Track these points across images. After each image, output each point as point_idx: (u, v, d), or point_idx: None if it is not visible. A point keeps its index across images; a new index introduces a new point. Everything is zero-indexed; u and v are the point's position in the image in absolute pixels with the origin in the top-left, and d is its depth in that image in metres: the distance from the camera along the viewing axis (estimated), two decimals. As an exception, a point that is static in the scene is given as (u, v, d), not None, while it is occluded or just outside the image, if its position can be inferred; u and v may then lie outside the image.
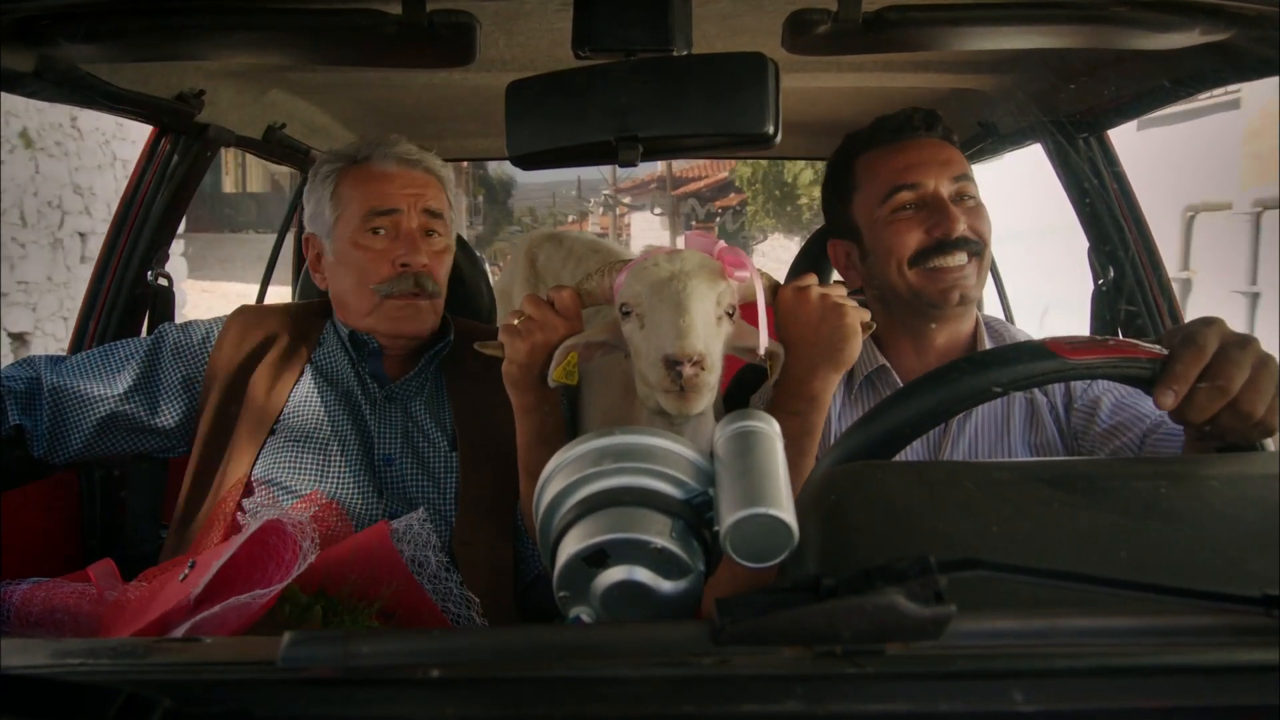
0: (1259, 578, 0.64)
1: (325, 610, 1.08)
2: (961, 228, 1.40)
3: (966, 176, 1.44)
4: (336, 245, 1.52)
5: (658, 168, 21.95)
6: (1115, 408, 1.36)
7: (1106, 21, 1.13)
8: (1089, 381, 1.40)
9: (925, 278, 1.41)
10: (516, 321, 1.25)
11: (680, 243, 1.29)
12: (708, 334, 1.15)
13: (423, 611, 1.13)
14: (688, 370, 1.10)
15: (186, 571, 1.06)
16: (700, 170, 21.89)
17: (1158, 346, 0.90)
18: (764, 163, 18.41)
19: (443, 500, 1.47)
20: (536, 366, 1.25)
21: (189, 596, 0.99)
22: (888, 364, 1.47)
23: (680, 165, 21.61)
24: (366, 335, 1.54)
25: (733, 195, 20.81)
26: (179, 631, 0.96)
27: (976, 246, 1.41)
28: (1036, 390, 1.43)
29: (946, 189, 1.43)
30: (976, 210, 1.43)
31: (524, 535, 1.49)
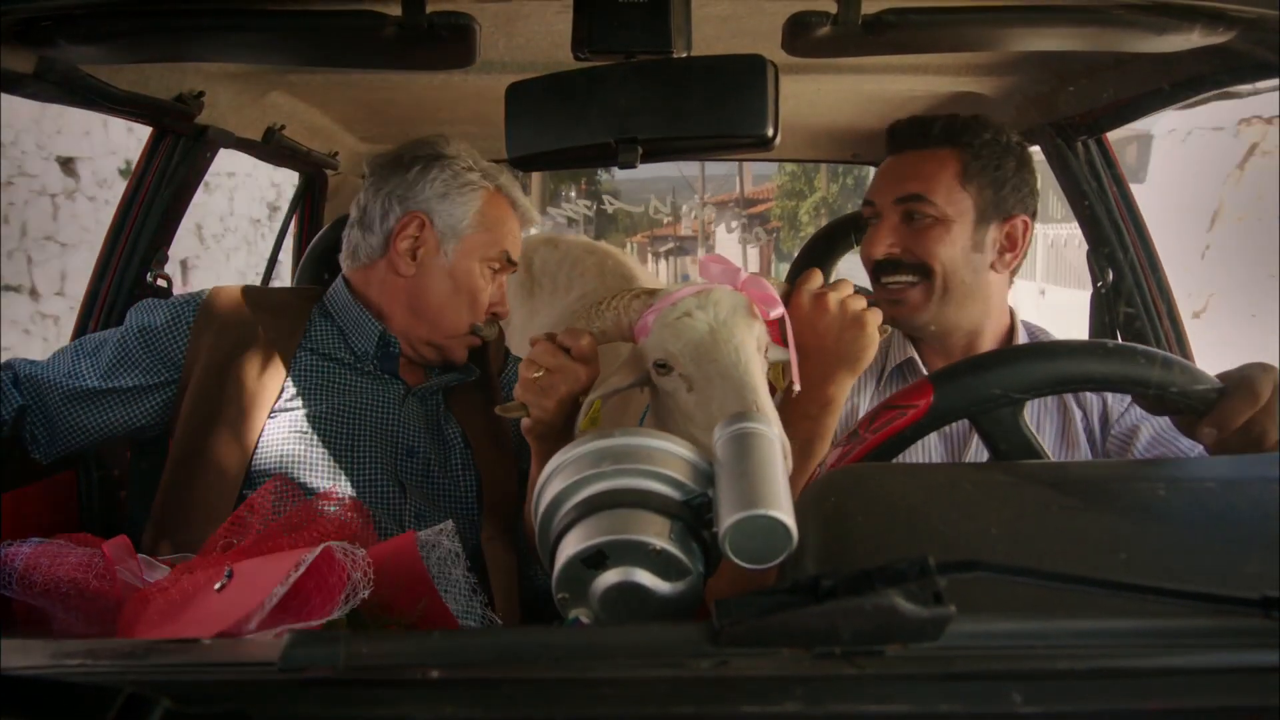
0: (1258, 579, 0.64)
1: (351, 622, 1.06)
2: (883, 250, 1.42)
3: (919, 197, 1.40)
4: (459, 255, 1.52)
5: (735, 187, 24.92)
6: (1154, 441, 1.36)
7: (1106, 24, 1.13)
8: (1128, 405, 1.41)
9: (879, 292, 1.44)
10: (536, 376, 1.17)
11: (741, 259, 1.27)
12: (769, 401, 1.10)
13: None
14: None
15: (224, 580, 1.04)
16: (769, 192, 25.12)
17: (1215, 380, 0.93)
18: (788, 204, 22.90)
19: (462, 495, 1.47)
20: (564, 418, 1.20)
21: (244, 624, 0.96)
22: (915, 356, 1.48)
23: (752, 187, 24.72)
24: (393, 338, 1.52)
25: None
26: None
27: (919, 269, 1.41)
28: (1074, 404, 1.43)
29: (893, 209, 1.43)
30: (925, 230, 1.40)
31: (526, 553, 1.49)
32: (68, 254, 5.31)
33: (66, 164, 5.27)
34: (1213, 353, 1.56)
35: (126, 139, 5.61)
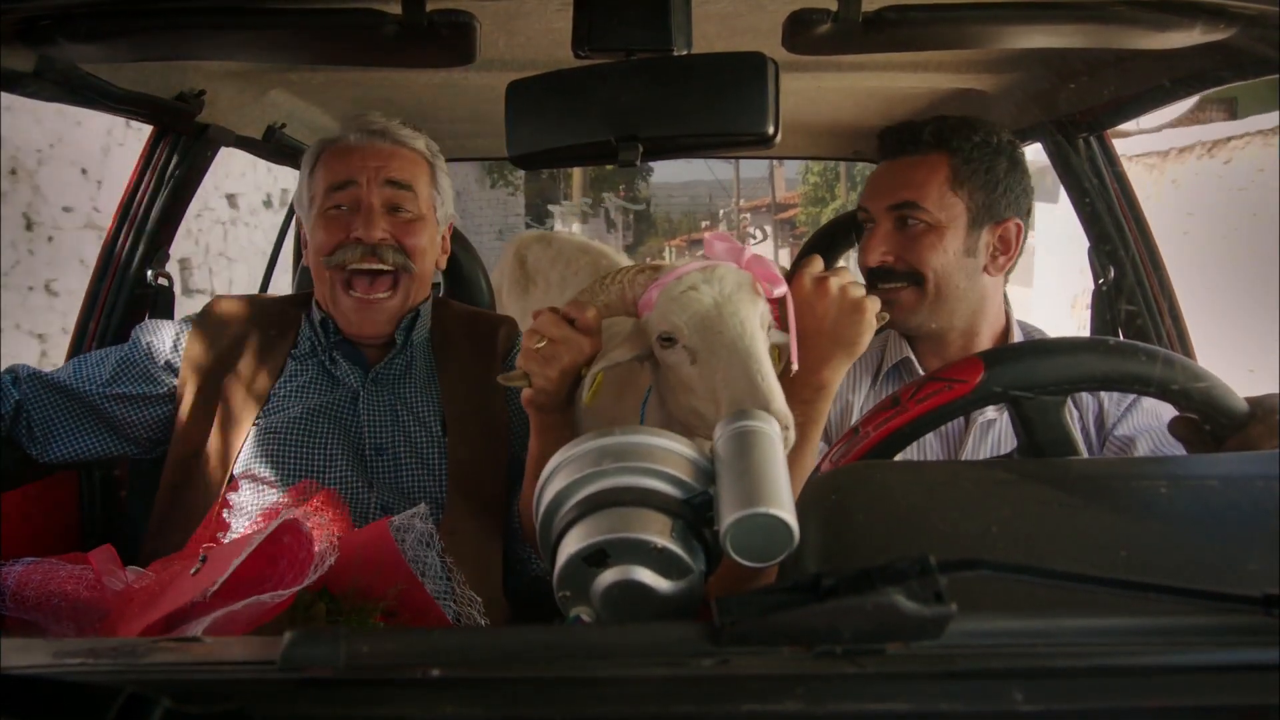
0: (1259, 577, 0.64)
1: (329, 609, 1.07)
2: (876, 258, 1.44)
3: (911, 204, 1.41)
4: (310, 225, 1.52)
5: (768, 193, 26.06)
6: (1152, 456, 1.37)
7: (1107, 21, 1.13)
8: (1124, 412, 1.42)
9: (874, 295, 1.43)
10: (539, 346, 1.17)
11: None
12: (773, 374, 1.10)
13: (426, 613, 1.12)
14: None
15: (199, 565, 1.06)
16: (798, 198, 26.17)
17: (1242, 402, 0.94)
18: (813, 210, 23.62)
19: (437, 487, 1.46)
20: (565, 390, 1.21)
21: (204, 593, 0.98)
22: (912, 356, 1.49)
23: (784, 192, 25.97)
24: (332, 320, 1.53)
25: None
26: (193, 628, 0.96)
27: (911, 275, 1.42)
28: (1071, 403, 1.43)
29: (886, 216, 1.45)
30: (918, 237, 1.42)
31: (519, 535, 1.49)
32: (233, 266, 6.88)
33: (231, 198, 7.02)
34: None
35: (267, 177, 7.05)
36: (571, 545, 0.64)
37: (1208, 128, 6.68)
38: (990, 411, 1.43)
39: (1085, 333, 1.80)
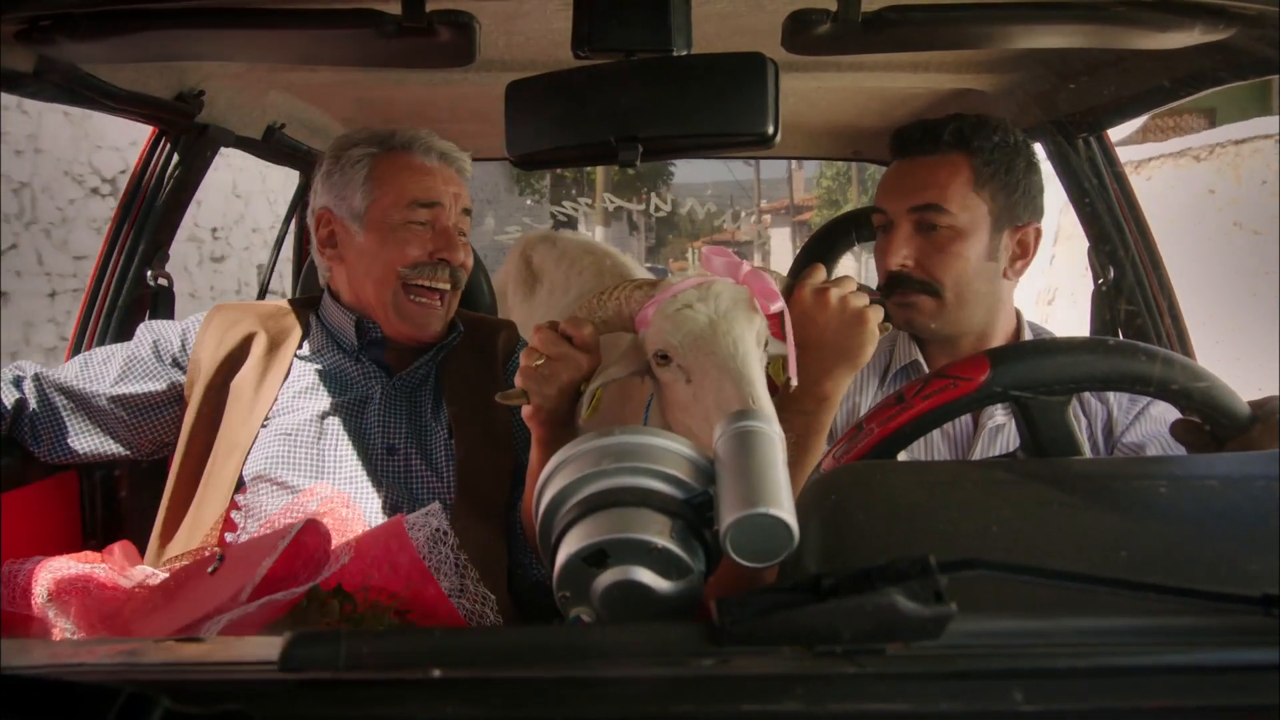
0: (1259, 578, 0.64)
1: (342, 606, 1.07)
2: (896, 262, 1.41)
3: (934, 206, 1.38)
4: (368, 228, 1.51)
5: (785, 195, 26.75)
6: None
7: (1107, 21, 1.13)
8: (1133, 420, 1.41)
9: (891, 305, 1.42)
10: (537, 364, 1.17)
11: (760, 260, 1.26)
12: (766, 395, 1.09)
13: (439, 609, 1.12)
14: None
15: (216, 565, 1.05)
16: (814, 200, 26.75)
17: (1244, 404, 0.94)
18: (827, 213, 24.01)
19: (445, 489, 1.47)
20: (565, 405, 1.20)
21: (238, 598, 0.97)
22: (920, 359, 1.48)
23: (801, 195, 26.63)
24: (372, 323, 1.53)
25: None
26: (209, 627, 0.96)
27: (929, 287, 1.40)
28: (1079, 410, 1.42)
29: (906, 218, 1.41)
30: (942, 245, 1.39)
31: (522, 540, 1.49)
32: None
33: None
34: (1061, 328, 1.63)
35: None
36: (571, 545, 0.64)
37: (1136, 148, 7.70)
38: (999, 416, 1.42)
39: (1054, 328, 1.80)
